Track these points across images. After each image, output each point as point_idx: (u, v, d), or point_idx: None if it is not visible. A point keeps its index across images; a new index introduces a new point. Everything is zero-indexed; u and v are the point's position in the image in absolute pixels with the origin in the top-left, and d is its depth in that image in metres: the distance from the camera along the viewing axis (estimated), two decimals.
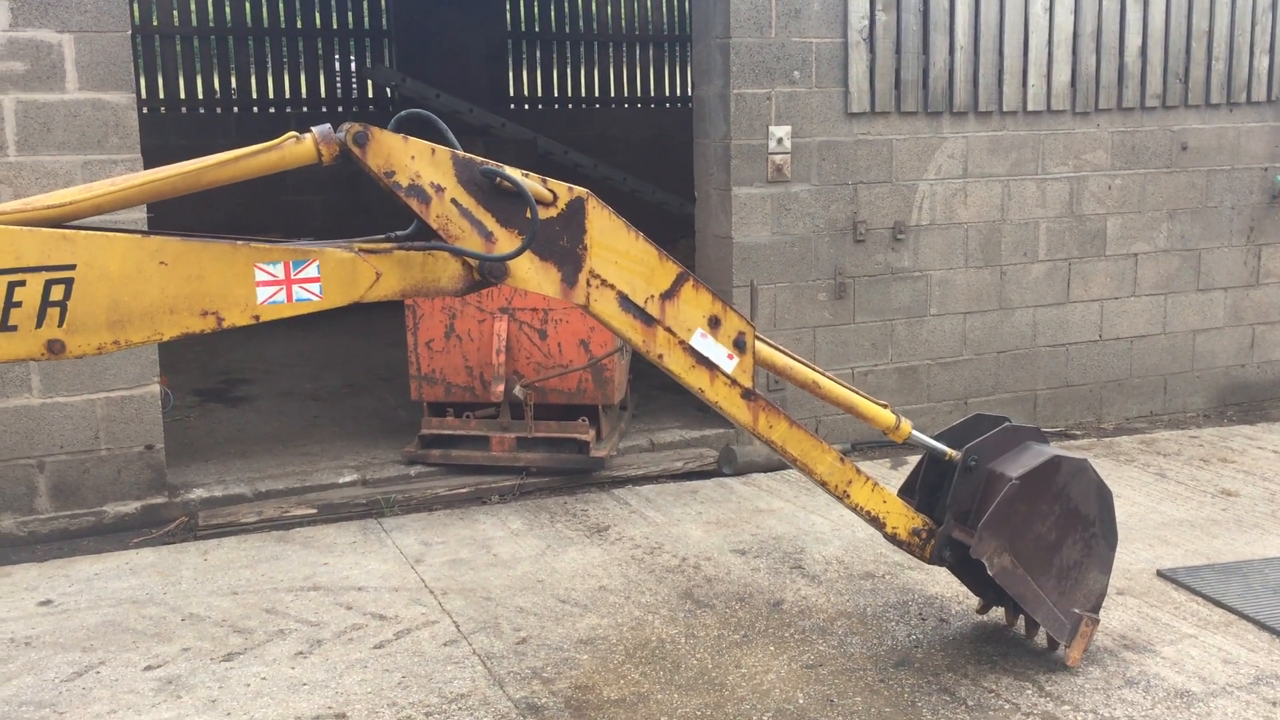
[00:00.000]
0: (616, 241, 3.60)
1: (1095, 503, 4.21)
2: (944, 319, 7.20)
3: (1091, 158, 7.43)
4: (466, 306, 6.24)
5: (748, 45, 6.54)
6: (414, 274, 3.32)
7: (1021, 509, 4.06)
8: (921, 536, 4.23)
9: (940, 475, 4.29)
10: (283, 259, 3.14)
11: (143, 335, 3.05)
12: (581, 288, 3.56)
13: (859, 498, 4.15)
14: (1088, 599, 4.20)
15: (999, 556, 4.04)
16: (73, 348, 2.99)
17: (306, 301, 3.19)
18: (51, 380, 5.45)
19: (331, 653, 4.34)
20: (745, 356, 3.89)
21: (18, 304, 2.92)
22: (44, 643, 4.43)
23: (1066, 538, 4.16)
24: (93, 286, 2.97)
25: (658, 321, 3.72)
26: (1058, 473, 4.13)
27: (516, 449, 6.27)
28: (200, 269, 3.06)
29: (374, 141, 3.22)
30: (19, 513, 5.48)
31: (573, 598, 4.84)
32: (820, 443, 4.07)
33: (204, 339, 9.56)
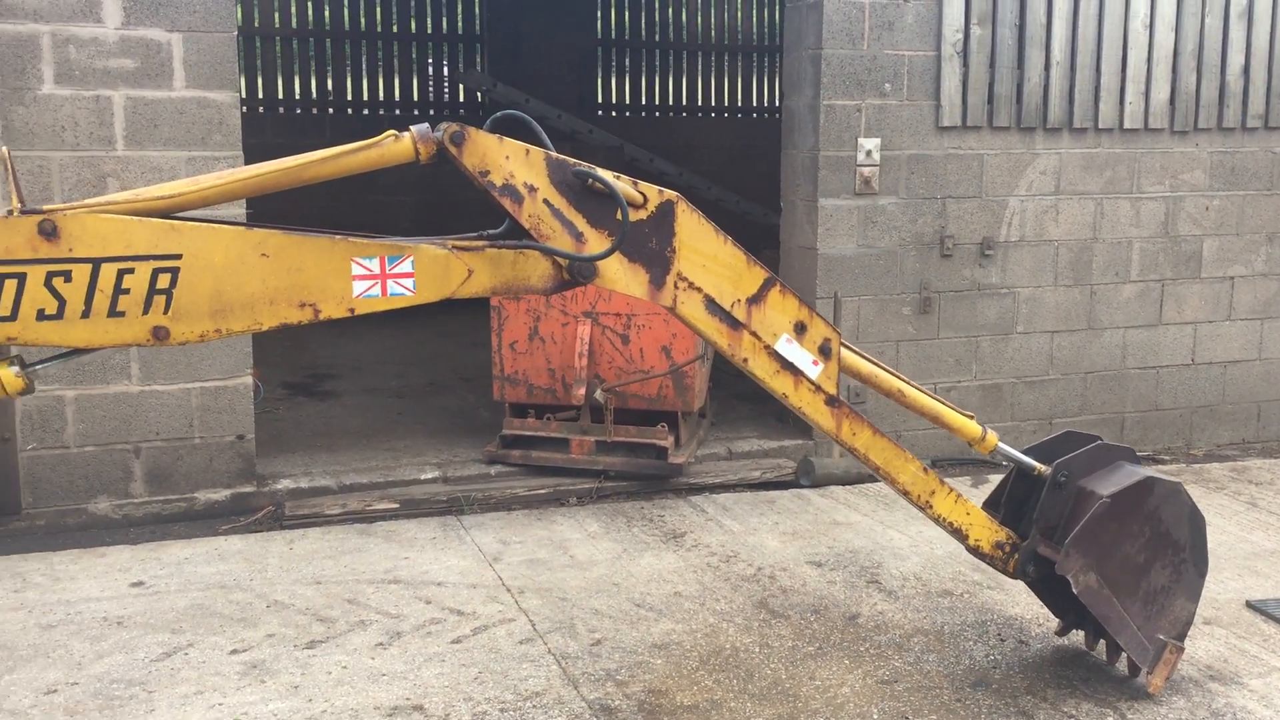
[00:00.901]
0: (705, 245, 3.62)
1: (1187, 528, 4.13)
2: (1031, 337, 7.10)
3: (1189, 177, 7.28)
4: (551, 309, 6.31)
5: (839, 57, 6.52)
6: (505, 272, 3.36)
7: (1111, 528, 3.99)
8: (1005, 550, 4.18)
9: (1027, 491, 4.23)
10: (379, 254, 3.22)
11: (243, 324, 3.14)
12: (669, 290, 3.58)
13: (942, 509, 4.11)
14: (1173, 626, 4.12)
15: (1085, 575, 3.97)
16: (176, 334, 3.09)
17: (400, 296, 3.25)
18: (150, 369, 5.62)
19: (410, 645, 4.42)
20: (830, 363, 3.87)
21: (126, 291, 3.02)
22: (135, 623, 4.57)
23: (1155, 561, 4.08)
24: (198, 276, 3.06)
25: (743, 326, 3.72)
26: (1150, 494, 4.05)
27: (595, 452, 6.32)
28: (300, 262, 3.14)
29: (470, 141, 3.28)
30: (115, 496, 5.66)
31: (648, 602, 4.87)
32: (903, 452, 4.05)
33: (294, 334, 9.79)
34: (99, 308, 3.01)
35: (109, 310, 3.02)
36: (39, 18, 5.27)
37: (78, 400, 5.54)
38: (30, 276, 2.96)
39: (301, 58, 12.83)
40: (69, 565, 5.14)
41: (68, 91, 5.34)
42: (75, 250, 2.97)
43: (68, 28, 5.31)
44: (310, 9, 12.86)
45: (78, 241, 2.97)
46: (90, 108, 5.38)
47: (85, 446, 5.58)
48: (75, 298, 2.99)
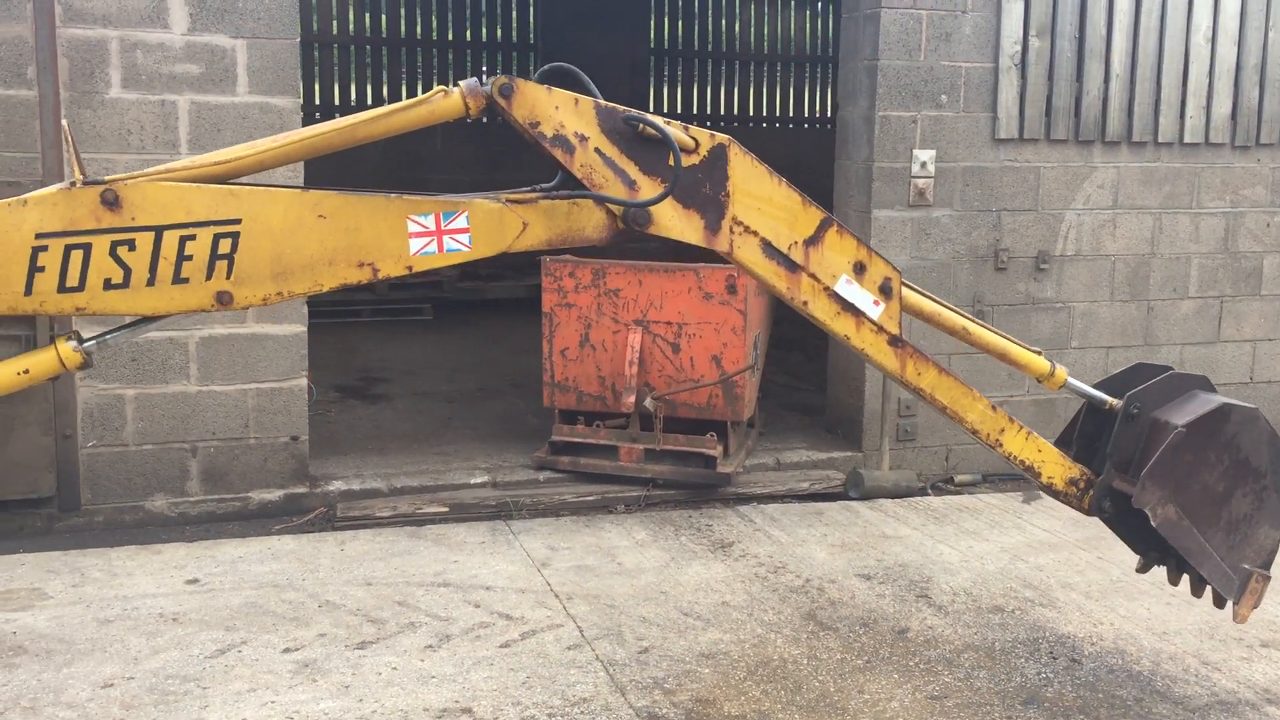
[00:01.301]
0: (759, 188, 3.57)
1: (1267, 454, 3.99)
2: (1086, 352, 7.03)
3: (1250, 193, 7.17)
4: (602, 317, 6.33)
5: (895, 68, 6.50)
6: (559, 223, 3.36)
7: (1188, 458, 3.87)
8: (1079, 486, 4.08)
9: (1098, 426, 4.13)
10: (433, 210, 3.23)
11: (304, 286, 3.18)
12: (724, 234, 3.54)
13: (1012, 446, 4.02)
14: (1258, 555, 3.98)
15: (1163, 507, 3.86)
16: (240, 299, 3.13)
17: (457, 252, 3.27)
18: (208, 369, 5.70)
19: (459, 648, 4.45)
20: (892, 302, 3.80)
21: (189, 258, 3.07)
22: (190, 619, 4.64)
23: (1235, 490, 3.95)
24: (257, 240, 3.10)
25: (801, 268, 3.66)
26: (1227, 421, 3.92)
27: (644, 460, 6.33)
28: (357, 221, 3.17)
29: (519, 93, 3.27)
30: (171, 494, 5.75)
31: (695, 611, 4.86)
32: (970, 390, 3.97)
33: (345, 337, 9.90)
34: (163, 275, 3.06)
35: (173, 277, 3.07)
36: (108, 23, 5.38)
37: (137, 399, 5.64)
38: (95, 247, 3.01)
39: (359, 64, 12.99)
40: (126, 561, 5.23)
41: (134, 96, 5.44)
42: (138, 219, 3.02)
43: (135, 33, 5.42)
44: (368, 17, 13.02)
45: (140, 210, 3.02)
46: (156, 112, 5.48)
47: (144, 445, 5.68)
48: (140, 266, 3.04)
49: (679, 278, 6.24)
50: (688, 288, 6.22)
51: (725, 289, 6.17)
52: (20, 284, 3.00)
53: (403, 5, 13.14)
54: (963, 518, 6.22)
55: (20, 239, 2.99)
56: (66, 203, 2.99)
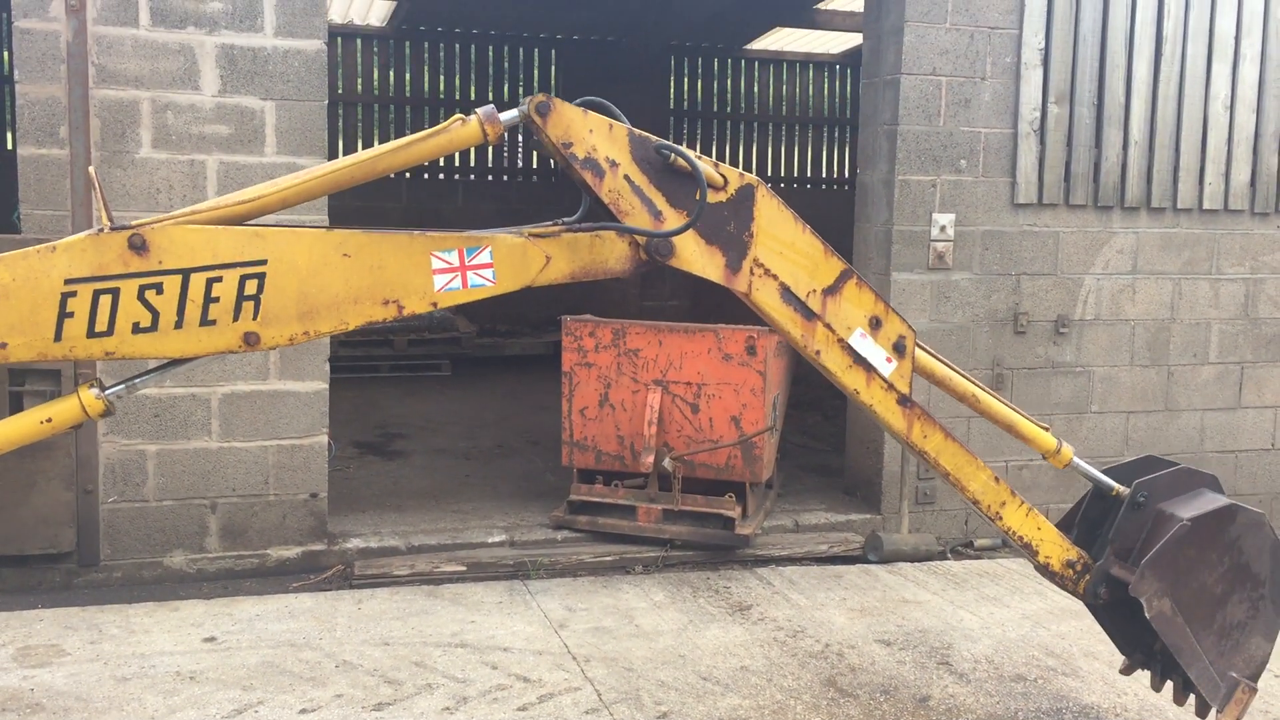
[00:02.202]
0: (783, 232, 3.59)
1: (1269, 562, 3.95)
2: (1105, 417, 7.00)
3: (1270, 259, 7.18)
4: (622, 376, 6.35)
5: (915, 133, 6.56)
6: (582, 256, 3.37)
7: (1189, 554, 3.83)
8: (1076, 569, 4.02)
9: (1102, 513, 4.08)
10: (457, 246, 3.25)
11: (330, 325, 3.19)
12: (744, 275, 3.55)
13: (1012, 520, 3.98)
14: (1247, 665, 3.92)
15: (1159, 599, 3.80)
16: (267, 339, 3.14)
17: (481, 287, 3.28)
18: (230, 426, 5.73)
19: (476, 711, 4.41)
20: (904, 361, 3.80)
21: (215, 299, 3.09)
22: (207, 678, 4.62)
23: (1233, 594, 3.91)
24: (283, 280, 3.12)
25: (818, 317, 3.67)
26: (1232, 523, 3.89)
27: (662, 520, 6.31)
28: (381, 259, 3.19)
29: (555, 113, 3.30)
30: (190, 550, 5.75)
31: (714, 675, 4.82)
32: (975, 459, 3.94)
33: (364, 393, 9.93)
34: (191, 317, 3.08)
35: (201, 319, 3.09)
36: (140, 84, 5.48)
37: (159, 454, 5.66)
38: (124, 291, 3.03)
39: (383, 123, 13.16)
40: (144, 619, 5.22)
41: (164, 155, 5.53)
42: (165, 262, 3.05)
43: (167, 94, 5.52)
44: (393, 75, 13.21)
45: (166, 253, 3.04)
46: (185, 171, 5.56)
47: (164, 500, 5.69)
48: (168, 309, 3.06)
49: (698, 338, 6.26)
50: (707, 348, 6.24)
51: (745, 350, 6.19)
52: (50, 330, 3.02)
53: (427, 65, 13.35)
54: (983, 583, 6.17)
55: (50, 285, 3.01)
56: (95, 248, 3.02)
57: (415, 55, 13.26)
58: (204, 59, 5.54)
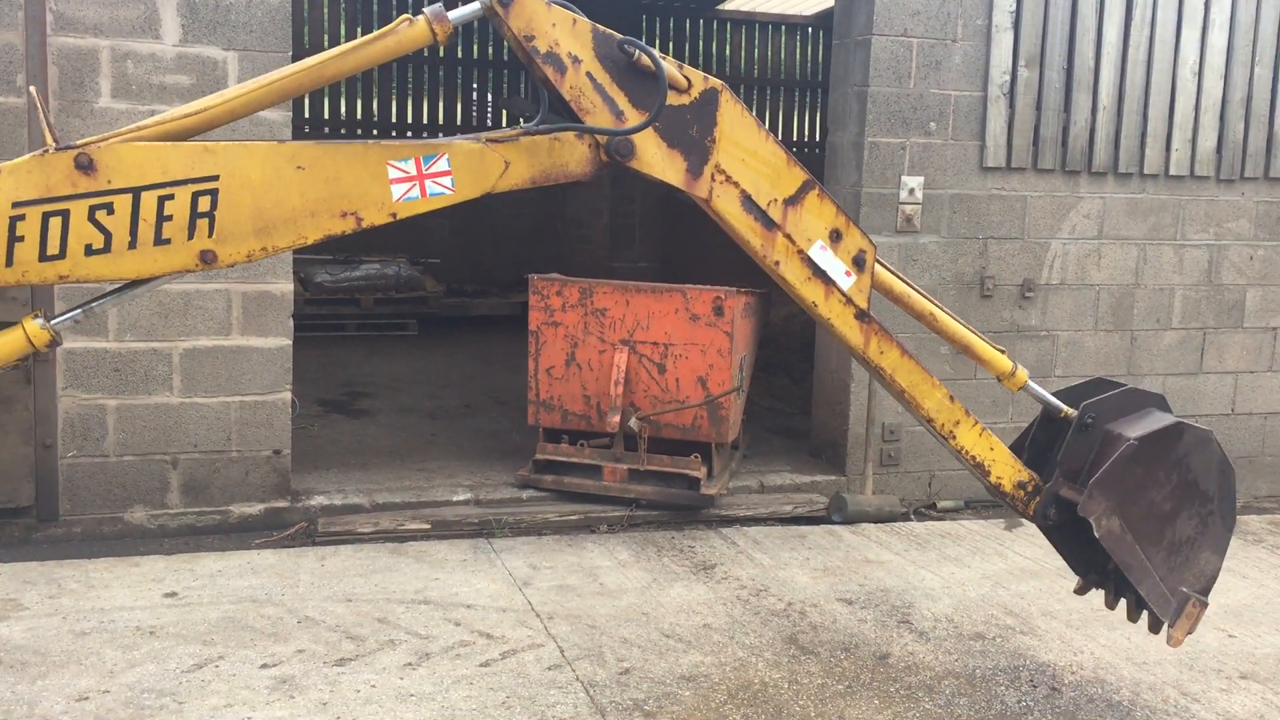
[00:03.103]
0: (746, 138, 3.55)
1: (1216, 478, 3.97)
2: (1069, 381, 7.02)
3: (1234, 226, 7.23)
4: (589, 336, 6.33)
5: (885, 95, 6.53)
6: (542, 159, 3.31)
7: (1137, 472, 3.84)
8: (1026, 490, 4.02)
9: (1051, 436, 4.08)
10: (413, 154, 3.19)
11: (288, 240, 3.13)
12: (705, 181, 3.51)
13: (965, 440, 3.97)
14: (1197, 579, 3.95)
15: (1108, 518, 3.81)
16: (224, 257, 3.09)
17: (440, 195, 3.23)
18: (191, 381, 5.67)
19: (439, 667, 4.42)
20: (863, 276, 3.77)
21: (169, 218, 3.03)
22: (167, 633, 4.60)
23: (1181, 511, 3.92)
24: (237, 195, 3.06)
25: (778, 226, 3.63)
26: (1180, 440, 3.90)
27: (628, 480, 6.32)
28: (336, 171, 3.13)
29: (518, 3, 3.24)
30: (150, 506, 5.71)
31: (677, 633, 4.85)
32: (930, 377, 3.92)
33: (329, 352, 9.87)
34: (144, 237, 3.02)
35: (155, 239, 3.03)
36: (99, 32, 5.37)
37: (119, 409, 5.60)
38: (73, 212, 2.97)
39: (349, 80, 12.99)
40: (103, 573, 5.18)
41: (124, 105, 5.43)
42: (114, 181, 2.98)
43: (127, 43, 5.41)
44: (360, 30, 13.03)
45: (115, 172, 2.98)
46: None
47: (124, 456, 5.64)
48: (120, 229, 3.00)
49: (666, 298, 6.24)
50: (674, 309, 6.23)
51: (712, 311, 6.18)
52: (0, 255, 2.96)
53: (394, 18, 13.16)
54: (945, 544, 6.23)
55: None
56: (40, 169, 2.95)
57: (383, 11, 13.08)
58: (165, 6, 5.43)
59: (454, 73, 13.48)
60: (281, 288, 5.77)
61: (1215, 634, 5.13)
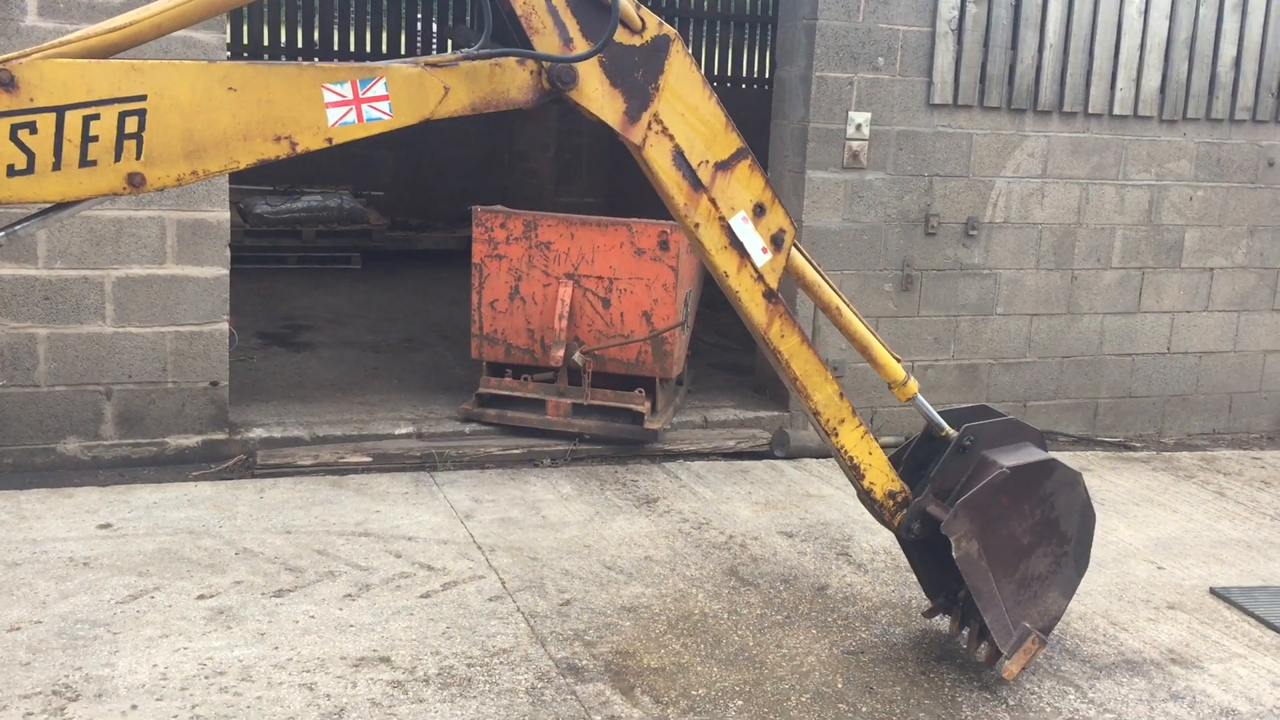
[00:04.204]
0: (690, 94, 3.53)
1: (1077, 521, 4.06)
2: (1010, 319, 7.12)
3: (1174, 167, 7.29)
4: (533, 269, 6.27)
5: (834, 28, 6.48)
6: (482, 85, 3.26)
7: (1004, 502, 3.90)
8: (896, 500, 4.05)
9: (929, 454, 4.12)
10: (349, 78, 3.12)
11: (220, 163, 3.05)
12: (641, 127, 3.49)
13: (846, 440, 3.99)
14: (1041, 617, 4.02)
15: (968, 541, 3.86)
16: (152, 180, 3.00)
17: (377, 121, 3.16)
18: (125, 310, 5.55)
19: (379, 598, 4.40)
20: (779, 256, 3.77)
21: (94, 138, 2.93)
22: (102, 564, 4.54)
23: (1038, 547, 4.00)
24: (166, 116, 2.97)
25: (705, 189, 3.62)
26: (1049, 477, 3.98)
27: (571, 415, 6.31)
28: (270, 93, 3.05)
29: None
30: (84, 437, 5.60)
31: (618, 565, 4.87)
32: (825, 370, 3.93)
33: (270, 285, 9.71)
34: (69, 158, 2.92)
35: (80, 160, 2.93)
36: None
37: (50, 339, 5.47)
38: None
39: (289, 4, 12.66)
40: (35, 505, 5.09)
41: (51, 24, 5.23)
42: (36, 99, 2.87)
43: None
44: None
45: (37, 90, 2.87)
46: None
47: (56, 386, 5.52)
48: (44, 150, 2.90)
49: (611, 232, 6.19)
50: (620, 242, 6.18)
51: (658, 245, 6.14)
52: None
53: None
54: None
55: None
56: None
57: None
58: None
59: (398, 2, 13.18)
60: (218, 216, 5.64)
61: (1145, 566, 5.25)
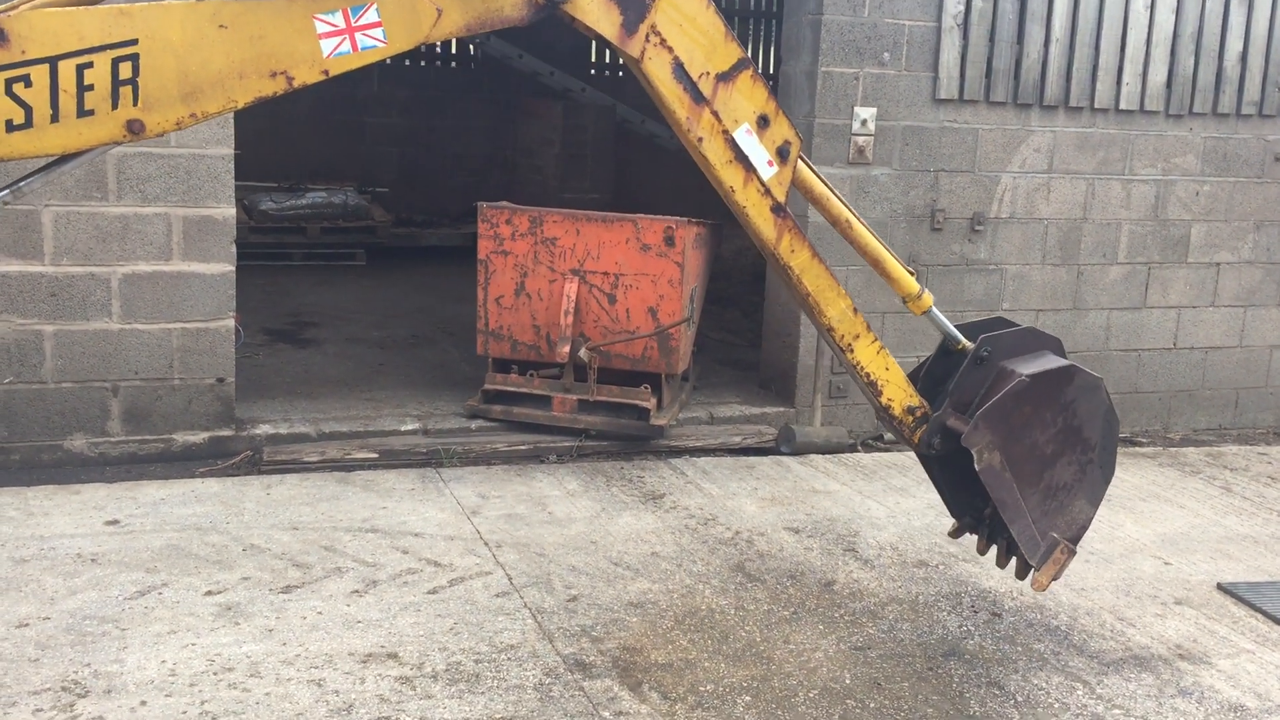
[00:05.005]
0: (688, 3, 3.48)
1: (1101, 427, 3.97)
2: (1016, 314, 7.08)
3: (1181, 162, 7.28)
4: (539, 265, 6.27)
5: (839, 23, 6.47)
6: (475, 5, 3.23)
7: (1025, 410, 3.83)
8: (915, 416, 3.99)
9: (947, 370, 4.05)
10: (340, 6, 3.10)
11: (218, 104, 3.04)
12: (639, 40, 3.44)
13: (862, 355, 3.93)
14: (1069, 526, 3.96)
15: (990, 452, 3.79)
16: (152, 125, 2.99)
17: (373, 49, 3.14)
18: (131, 307, 5.56)
19: (386, 594, 4.41)
20: (785, 168, 3.71)
21: (90, 87, 2.92)
22: (110, 561, 4.55)
23: (1063, 455, 3.92)
24: (159, 59, 2.96)
25: (706, 101, 3.57)
26: (1070, 383, 3.90)
27: (577, 411, 6.31)
28: (261, 28, 3.04)
29: None
30: (91, 434, 5.61)
31: (625, 561, 4.87)
32: (838, 285, 3.88)
33: (276, 281, 9.72)
34: (66, 109, 2.91)
35: (77, 110, 2.92)
36: None
37: (57, 335, 5.48)
38: None
39: None
40: (43, 501, 5.10)
41: None
42: (29, 51, 2.87)
43: None
44: None
45: (29, 42, 2.87)
46: None
47: (63, 383, 5.53)
48: (40, 102, 2.89)
49: (617, 228, 6.19)
50: (625, 238, 6.18)
51: (663, 241, 6.14)
52: None
53: None
54: (891, 474, 6.29)
55: None
56: None
57: None
58: None
59: None
60: (223, 212, 5.64)
61: (1152, 561, 5.24)
